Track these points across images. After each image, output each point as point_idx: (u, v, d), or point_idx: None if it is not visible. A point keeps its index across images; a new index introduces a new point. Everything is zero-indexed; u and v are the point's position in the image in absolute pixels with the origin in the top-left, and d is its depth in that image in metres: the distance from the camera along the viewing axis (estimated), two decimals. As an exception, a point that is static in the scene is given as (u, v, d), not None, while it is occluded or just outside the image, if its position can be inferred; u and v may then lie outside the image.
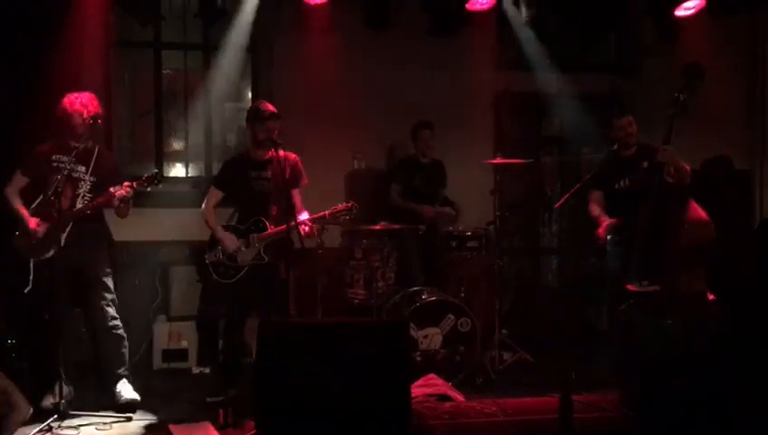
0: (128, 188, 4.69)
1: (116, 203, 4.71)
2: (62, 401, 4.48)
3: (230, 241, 4.97)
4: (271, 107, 5.00)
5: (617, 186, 5.25)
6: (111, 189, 4.70)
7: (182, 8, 6.47)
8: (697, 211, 4.85)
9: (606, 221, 5.15)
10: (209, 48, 6.78)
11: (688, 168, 4.99)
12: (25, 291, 4.67)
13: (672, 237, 4.80)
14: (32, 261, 4.73)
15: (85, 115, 4.75)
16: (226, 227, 5.05)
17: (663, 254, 4.81)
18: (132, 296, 5.94)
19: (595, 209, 5.33)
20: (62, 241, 4.69)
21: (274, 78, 6.74)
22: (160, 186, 4.90)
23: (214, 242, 5.05)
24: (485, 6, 6.30)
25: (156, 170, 4.94)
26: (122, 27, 6.43)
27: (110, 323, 4.87)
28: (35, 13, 5.66)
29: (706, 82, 4.95)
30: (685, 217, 4.83)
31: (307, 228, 4.84)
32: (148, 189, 4.84)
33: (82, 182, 4.80)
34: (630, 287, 4.86)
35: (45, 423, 4.32)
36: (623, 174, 5.23)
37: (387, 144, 6.95)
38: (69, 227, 4.72)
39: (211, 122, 6.93)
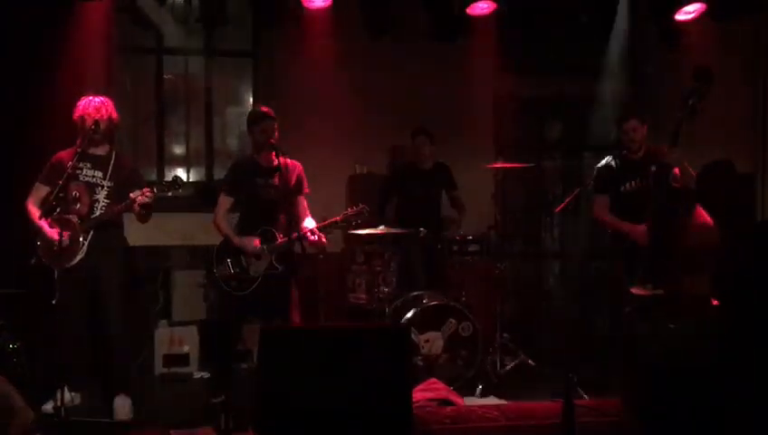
0: (148, 194, 4.64)
1: (137, 209, 4.68)
2: (64, 406, 4.47)
3: (250, 243, 4.91)
4: (265, 109, 5.00)
5: (623, 188, 5.24)
6: (132, 195, 4.69)
7: (184, 14, 6.47)
8: (702, 216, 4.85)
9: (637, 226, 5.09)
10: (211, 53, 6.79)
11: (694, 173, 4.99)
12: (53, 302, 4.62)
13: (677, 241, 4.80)
14: (56, 271, 4.63)
15: (97, 118, 4.67)
16: None
17: (667, 257, 4.80)
18: (134, 301, 5.94)
19: (606, 215, 5.29)
20: (86, 248, 4.67)
21: (275, 83, 6.75)
22: (180, 190, 4.83)
23: (222, 255, 5.00)
24: (486, 11, 6.30)
25: (176, 175, 4.90)
26: (124, 33, 6.45)
27: (118, 336, 4.82)
28: (37, 19, 5.67)
29: (714, 86, 4.93)
30: (690, 222, 4.83)
31: (315, 238, 4.84)
32: (170, 194, 4.79)
33: (99, 188, 4.75)
34: (634, 291, 4.86)
35: (46, 428, 4.32)
36: (630, 176, 5.21)
37: (388, 149, 6.96)
38: (90, 235, 4.69)
39: (212, 127, 6.95)
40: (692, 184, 4.94)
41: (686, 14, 6.26)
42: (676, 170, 4.88)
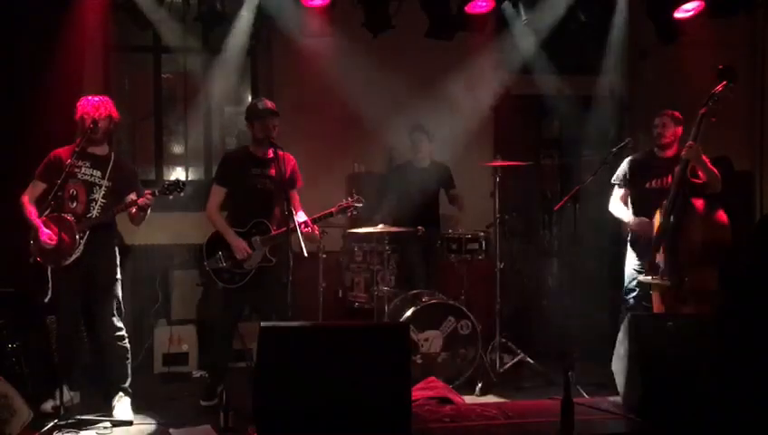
0: (150, 196, 4.65)
1: (135, 210, 4.68)
2: (63, 405, 4.47)
3: (242, 248, 4.89)
4: (270, 104, 4.99)
5: (648, 184, 5.25)
6: (133, 197, 4.71)
7: (182, 12, 6.47)
8: (718, 214, 4.86)
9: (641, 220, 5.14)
10: (209, 52, 6.79)
11: (719, 174, 4.98)
12: (45, 300, 4.61)
13: (689, 234, 4.82)
14: (49, 269, 4.64)
15: (96, 117, 4.67)
16: None
17: (678, 249, 4.82)
18: (133, 300, 5.94)
19: (620, 206, 5.33)
20: (82, 247, 4.67)
21: (274, 81, 6.75)
22: (182, 194, 4.83)
23: (214, 248, 4.99)
24: (484, 9, 6.30)
25: (178, 178, 4.90)
26: (122, 31, 6.44)
27: (116, 335, 4.82)
28: (35, 18, 5.67)
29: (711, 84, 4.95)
30: (703, 217, 4.83)
31: (308, 229, 4.83)
32: (170, 198, 4.79)
33: (97, 187, 4.74)
34: (642, 279, 4.90)
35: (46, 428, 4.32)
36: (657, 173, 5.21)
37: (387, 147, 6.96)
38: (87, 234, 4.68)
39: (211, 126, 6.95)
40: (716, 184, 4.95)
41: (685, 11, 6.26)
42: (698, 169, 4.90)
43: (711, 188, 4.98)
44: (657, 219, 5.00)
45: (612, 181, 5.45)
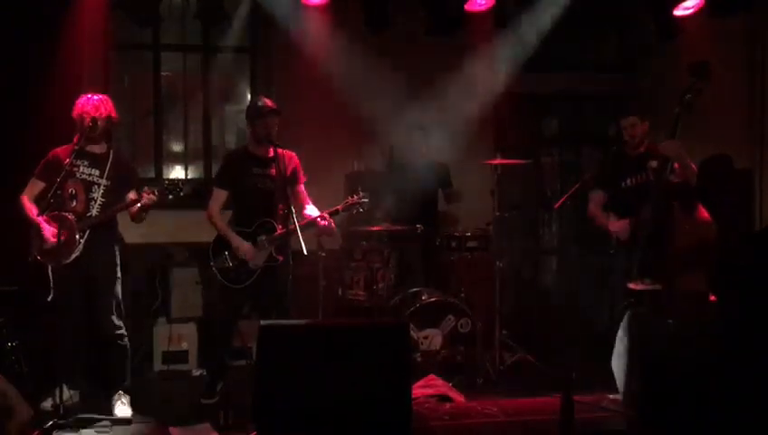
0: (152, 196, 4.65)
1: (136, 209, 4.69)
2: (62, 404, 4.47)
3: (248, 250, 4.89)
4: (270, 102, 4.99)
5: (623, 184, 5.25)
6: (132, 196, 4.72)
7: (181, 10, 6.47)
8: (699, 212, 4.85)
9: (619, 221, 5.12)
10: (208, 50, 6.78)
11: (695, 167, 4.98)
12: (49, 299, 4.62)
13: (673, 237, 4.81)
14: (50, 267, 4.64)
15: (95, 116, 4.66)
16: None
17: (664, 253, 4.81)
18: (132, 298, 5.93)
19: (597, 211, 5.32)
20: (82, 246, 4.66)
21: (274, 79, 6.74)
22: (181, 193, 4.84)
23: (220, 248, 4.99)
24: (484, 7, 6.29)
25: (178, 177, 4.91)
26: (121, 30, 6.43)
27: (116, 333, 4.81)
28: (34, 16, 5.66)
29: (711, 81, 4.93)
30: (686, 218, 4.83)
31: (325, 222, 4.83)
32: (170, 197, 4.79)
33: (96, 186, 4.74)
34: (632, 286, 4.87)
35: (45, 426, 4.32)
36: (631, 172, 5.22)
37: (387, 145, 6.95)
38: (87, 232, 4.67)
39: (210, 124, 6.94)
40: (693, 179, 4.94)
41: (685, 9, 6.26)
42: (677, 165, 4.89)
43: (689, 183, 4.97)
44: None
45: (587, 185, 5.44)
